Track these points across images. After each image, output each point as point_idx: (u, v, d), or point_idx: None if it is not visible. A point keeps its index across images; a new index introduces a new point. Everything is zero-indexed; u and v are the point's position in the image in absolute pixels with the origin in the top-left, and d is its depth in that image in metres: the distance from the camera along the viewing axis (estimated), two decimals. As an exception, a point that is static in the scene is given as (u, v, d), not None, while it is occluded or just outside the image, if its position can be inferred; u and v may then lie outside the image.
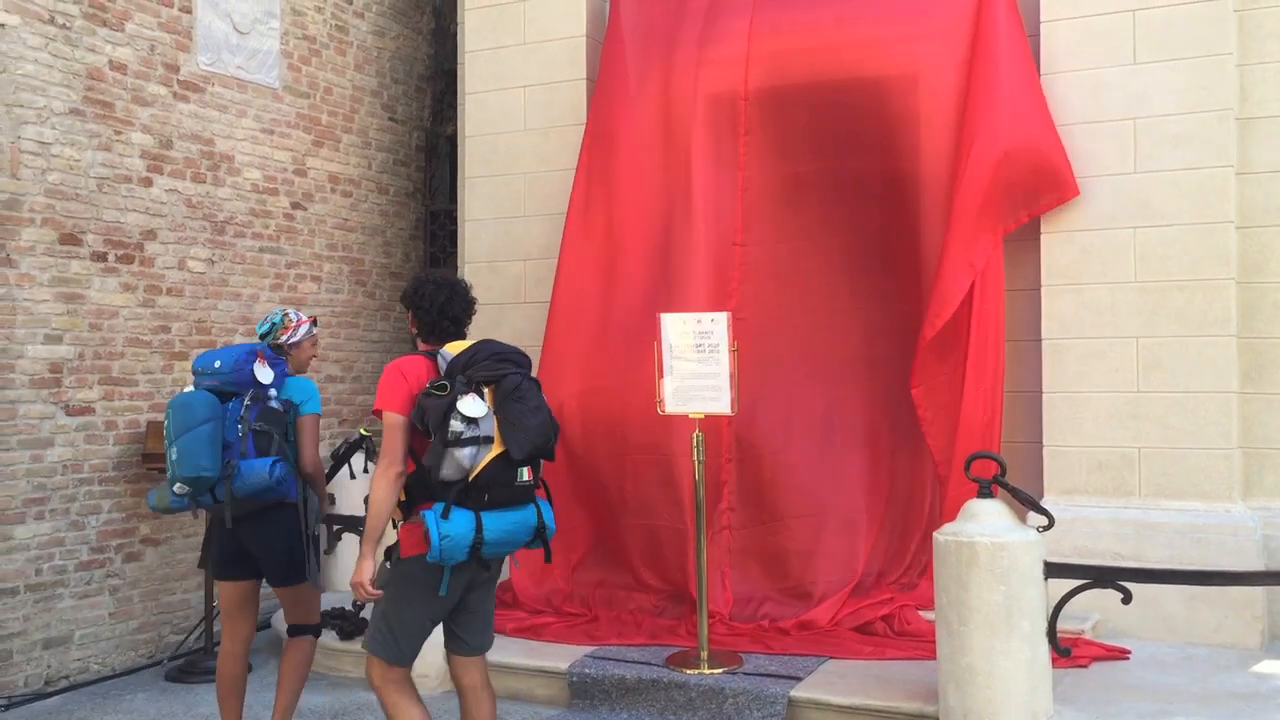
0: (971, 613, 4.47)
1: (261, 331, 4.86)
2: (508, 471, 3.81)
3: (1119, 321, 6.07)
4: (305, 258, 7.70)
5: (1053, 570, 4.58)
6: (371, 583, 3.87)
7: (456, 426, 3.72)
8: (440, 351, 4.02)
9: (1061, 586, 4.61)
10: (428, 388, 3.86)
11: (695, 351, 5.64)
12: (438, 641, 4.23)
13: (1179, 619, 5.74)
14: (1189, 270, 5.93)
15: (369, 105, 8.31)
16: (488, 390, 3.87)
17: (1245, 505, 5.90)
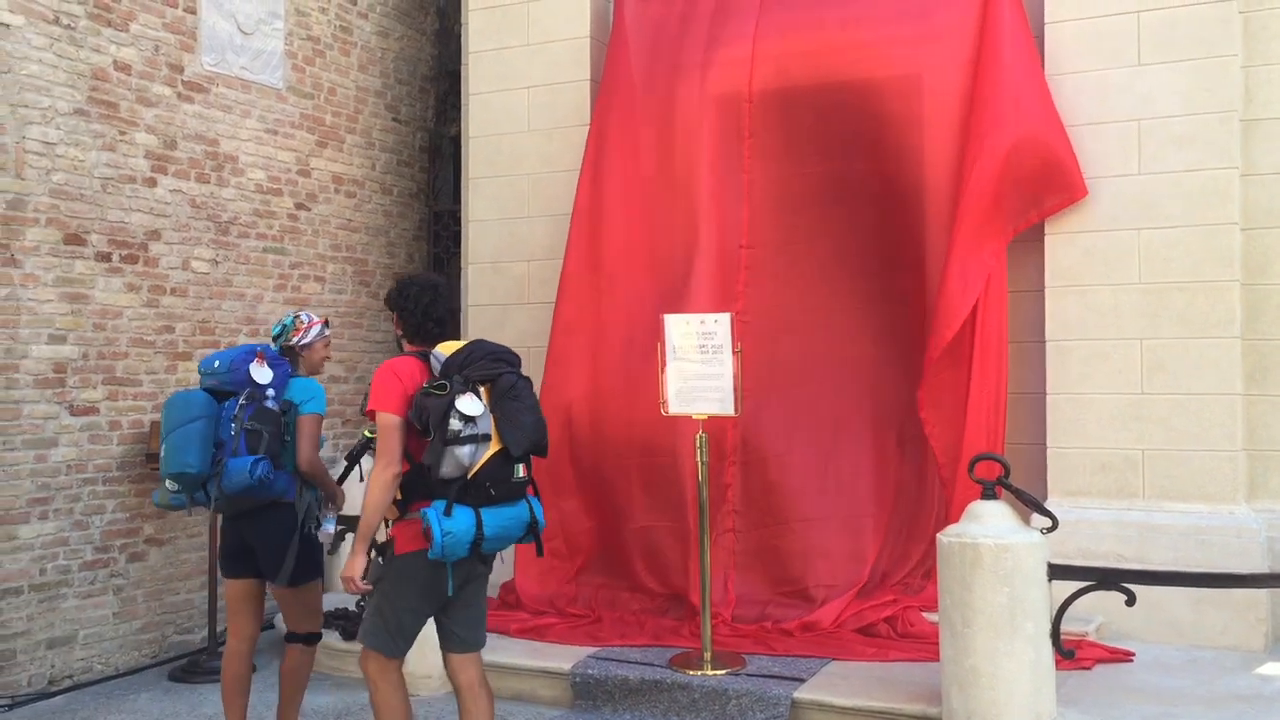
0: (975, 614, 4.47)
1: (274, 334, 4.91)
2: (505, 468, 3.90)
3: (1122, 323, 6.06)
4: (309, 258, 7.71)
5: (1056, 572, 4.58)
6: (361, 578, 3.96)
7: (456, 425, 3.78)
8: (433, 352, 4.06)
9: (1065, 588, 4.60)
10: (426, 387, 3.90)
11: (698, 352, 5.64)
12: (440, 642, 4.25)
13: (1183, 621, 5.74)
14: (1193, 272, 5.93)
15: (373, 106, 8.31)
16: (483, 389, 3.93)
17: (1249, 507, 5.89)
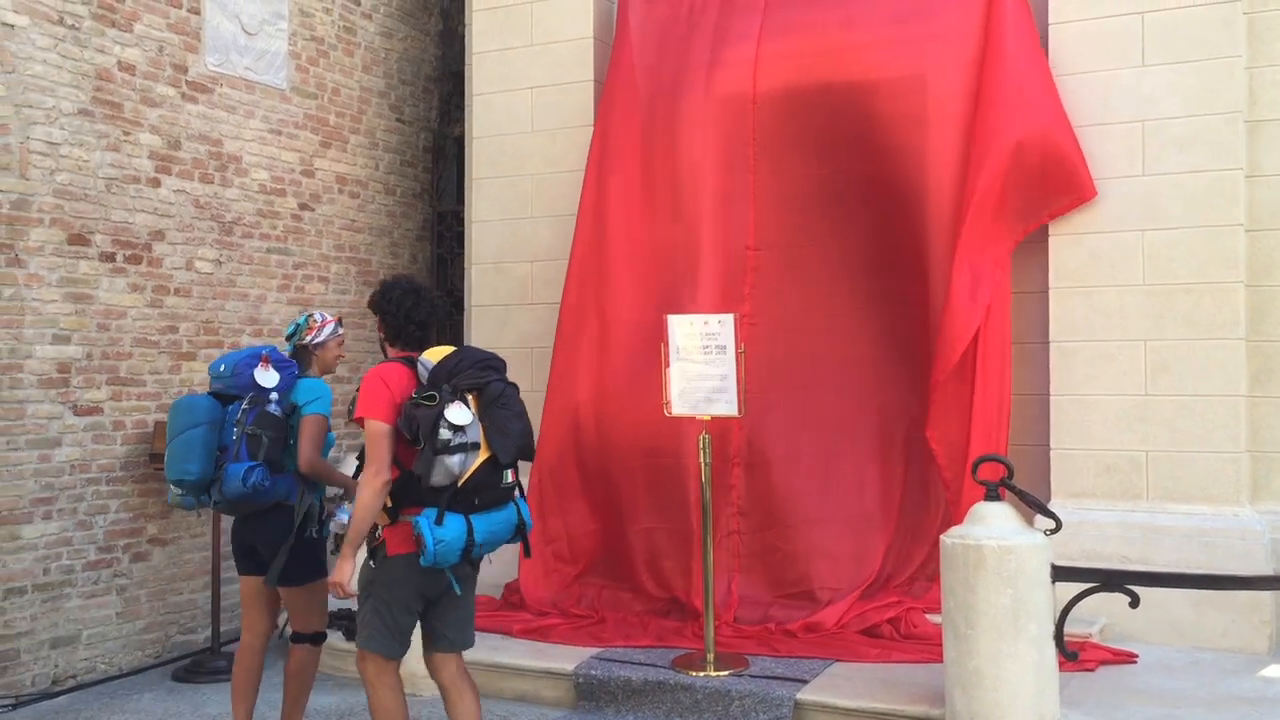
0: (979, 616, 4.46)
1: (288, 333, 4.93)
2: (494, 475, 3.95)
3: (1127, 324, 6.05)
4: (313, 258, 7.71)
5: (1060, 573, 4.57)
6: (349, 583, 4.02)
7: (446, 435, 3.82)
8: (419, 359, 4.08)
9: (1069, 590, 4.59)
10: (416, 397, 3.93)
11: (702, 353, 5.64)
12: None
13: (1186, 623, 5.73)
14: (1197, 273, 5.92)
15: (376, 106, 8.32)
16: (471, 397, 3.96)
17: (1253, 509, 5.88)
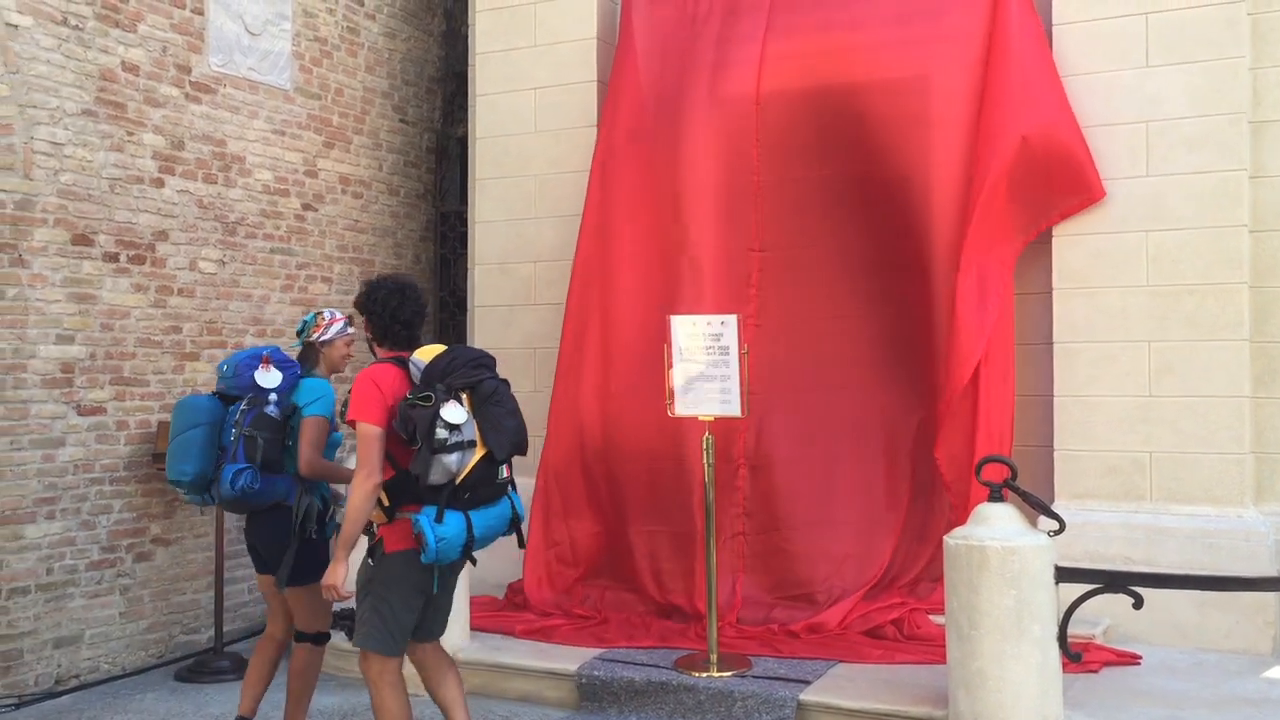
0: (982, 617, 4.46)
1: (297, 330, 4.95)
2: (490, 471, 4.00)
3: (1130, 325, 6.04)
4: (316, 259, 7.72)
5: (1063, 575, 4.57)
6: (342, 585, 4.07)
7: (442, 434, 3.86)
8: (411, 359, 4.10)
9: (1072, 591, 4.59)
10: (411, 398, 3.96)
11: (705, 354, 5.63)
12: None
13: (1190, 624, 5.72)
14: (1201, 274, 5.91)
15: (380, 107, 8.32)
16: (465, 395, 3.98)
17: (1257, 510, 5.87)
